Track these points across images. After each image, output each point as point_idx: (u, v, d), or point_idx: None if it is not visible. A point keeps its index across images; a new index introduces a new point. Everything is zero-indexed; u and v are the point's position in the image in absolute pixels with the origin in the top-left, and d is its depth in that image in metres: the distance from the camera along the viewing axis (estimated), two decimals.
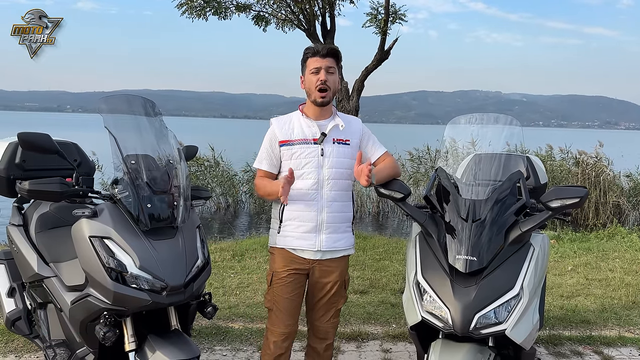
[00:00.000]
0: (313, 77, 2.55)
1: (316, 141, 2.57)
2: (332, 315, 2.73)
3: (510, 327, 2.08)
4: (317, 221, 2.56)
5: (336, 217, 2.60)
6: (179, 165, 2.42)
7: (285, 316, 2.62)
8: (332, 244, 2.59)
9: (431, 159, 12.69)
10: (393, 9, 7.82)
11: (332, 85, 2.56)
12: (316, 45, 2.60)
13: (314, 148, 2.56)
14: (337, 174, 2.58)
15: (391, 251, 6.64)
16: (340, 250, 2.65)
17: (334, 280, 2.65)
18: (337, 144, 2.59)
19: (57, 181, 2.27)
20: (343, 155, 2.60)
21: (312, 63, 2.56)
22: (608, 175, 11.68)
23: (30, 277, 2.81)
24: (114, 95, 2.51)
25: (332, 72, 2.57)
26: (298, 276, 2.62)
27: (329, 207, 2.57)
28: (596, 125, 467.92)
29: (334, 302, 2.70)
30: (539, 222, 2.23)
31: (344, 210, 2.63)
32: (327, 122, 2.61)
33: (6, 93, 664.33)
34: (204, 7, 7.87)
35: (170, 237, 2.27)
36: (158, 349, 2.18)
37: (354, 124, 2.71)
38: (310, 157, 2.56)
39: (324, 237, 2.57)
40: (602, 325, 4.22)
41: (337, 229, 2.60)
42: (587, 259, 6.30)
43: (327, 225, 2.58)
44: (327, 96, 2.56)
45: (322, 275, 2.63)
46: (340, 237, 2.62)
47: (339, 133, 2.61)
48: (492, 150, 2.75)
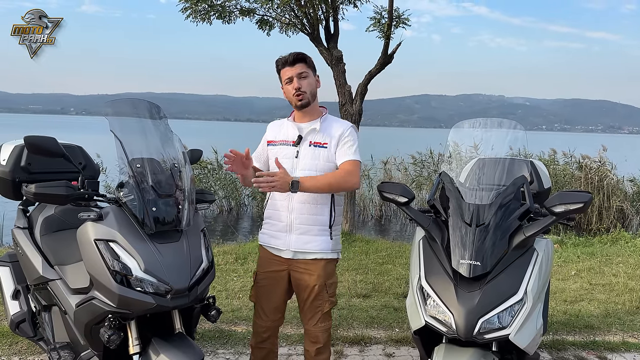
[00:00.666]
0: (288, 86, 2.67)
1: (294, 143, 2.68)
2: (320, 319, 2.73)
3: (514, 332, 2.08)
4: (287, 221, 2.66)
5: (307, 219, 2.64)
6: (183, 168, 2.43)
7: (266, 312, 2.79)
8: (301, 246, 2.65)
9: (434, 162, 12.69)
10: (397, 13, 7.83)
11: (307, 88, 2.65)
12: (284, 56, 2.68)
13: (291, 149, 2.68)
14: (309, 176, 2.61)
15: (394, 255, 6.64)
16: (312, 253, 2.66)
17: (314, 283, 2.67)
18: (314, 146, 2.65)
19: (63, 184, 2.29)
20: (317, 158, 2.64)
21: (285, 74, 2.67)
22: (611, 180, 11.65)
23: (35, 280, 2.82)
24: (119, 99, 2.53)
25: (305, 76, 2.66)
26: (277, 277, 2.73)
27: (299, 209, 2.64)
28: (599, 130, 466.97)
29: (318, 305, 2.71)
30: (543, 227, 2.23)
31: (317, 213, 2.65)
32: (308, 125, 2.70)
33: (10, 95, 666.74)
34: (208, 11, 7.88)
35: (174, 240, 2.28)
36: (162, 352, 2.18)
37: (337, 127, 2.70)
38: (287, 158, 2.66)
39: (293, 238, 2.66)
40: (606, 330, 4.22)
41: (307, 231, 2.65)
42: (591, 264, 6.29)
43: (296, 226, 2.65)
44: (305, 98, 2.65)
45: (301, 277, 2.69)
46: (311, 240, 2.65)
47: (316, 136, 2.67)
48: (495, 154, 2.75)
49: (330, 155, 2.65)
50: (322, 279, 2.68)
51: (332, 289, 2.75)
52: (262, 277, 2.78)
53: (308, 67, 2.67)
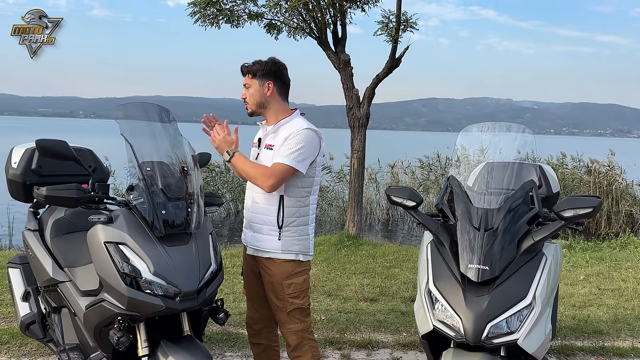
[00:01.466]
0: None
1: (257, 145, 2.83)
2: (285, 320, 2.71)
3: (523, 337, 2.08)
4: (246, 218, 2.84)
5: (256, 218, 2.74)
6: (193, 172, 2.45)
7: (253, 303, 2.93)
8: (253, 243, 2.76)
9: (441, 166, 12.66)
10: (404, 17, 7.83)
11: (249, 98, 2.75)
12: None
13: (254, 152, 2.84)
14: None
15: (401, 259, 6.63)
16: (264, 252, 2.71)
17: (271, 281, 2.71)
18: (266, 149, 2.74)
19: (73, 187, 2.31)
20: (268, 160, 2.68)
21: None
22: (620, 184, 11.57)
23: (45, 282, 2.85)
24: (129, 102, 2.55)
25: (248, 87, 2.75)
26: (253, 269, 2.84)
27: (251, 207, 2.77)
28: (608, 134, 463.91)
29: (280, 306, 2.70)
30: (552, 231, 2.22)
31: (265, 212, 2.70)
32: (265, 128, 2.81)
33: (20, 99, 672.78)
34: (216, 16, 7.92)
35: (184, 243, 2.30)
36: (170, 354, 2.20)
37: (286, 130, 2.68)
38: (252, 159, 2.81)
39: (249, 234, 2.80)
40: (615, 335, 4.18)
41: (258, 230, 2.74)
42: (600, 269, 6.24)
43: (250, 224, 2.79)
44: (247, 108, 2.77)
45: (262, 275, 2.77)
46: (261, 238, 2.72)
47: (269, 138, 2.75)
48: (503, 158, 2.75)
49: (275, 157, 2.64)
50: (278, 277, 2.68)
51: (291, 289, 2.68)
52: (245, 270, 2.92)
53: (252, 78, 2.74)
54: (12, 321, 4.09)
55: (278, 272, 2.69)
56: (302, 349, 2.72)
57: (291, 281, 2.70)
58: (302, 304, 2.72)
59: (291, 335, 2.72)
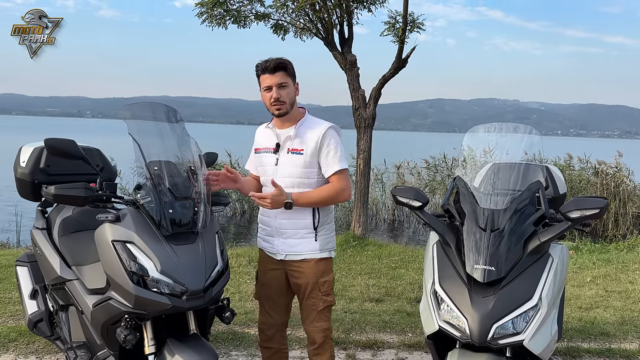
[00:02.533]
0: (267, 94, 2.64)
1: (274, 150, 2.71)
2: (315, 318, 2.73)
3: (529, 338, 2.07)
4: (273, 226, 2.72)
5: (290, 224, 2.67)
6: (199, 171, 2.46)
7: (268, 309, 2.85)
8: (288, 249, 2.70)
9: (447, 167, 12.63)
10: (411, 17, 7.82)
11: (286, 98, 2.62)
12: (265, 61, 2.62)
13: (272, 157, 2.71)
14: (288, 183, 2.63)
15: (407, 260, 6.62)
16: (300, 254, 2.69)
17: (305, 282, 2.70)
18: (291, 153, 2.66)
19: (82, 186, 2.33)
20: (296, 164, 2.65)
21: (264, 81, 2.63)
22: (628, 186, 11.50)
23: (53, 280, 2.87)
24: (137, 102, 2.57)
25: (285, 86, 2.61)
26: (274, 276, 2.78)
27: (282, 213, 2.66)
28: (616, 135, 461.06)
29: (312, 304, 2.72)
30: (558, 232, 2.22)
31: (300, 217, 2.66)
32: (284, 132, 2.70)
33: (28, 99, 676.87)
34: (223, 16, 7.95)
35: (190, 242, 2.31)
36: (177, 352, 2.21)
37: (313, 133, 2.66)
38: (269, 166, 2.72)
39: (280, 242, 2.71)
40: (622, 338, 4.16)
41: (292, 235, 2.68)
42: (607, 271, 6.21)
43: (282, 231, 2.69)
44: (283, 108, 2.63)
45: (294, 277, 2.73)
46: (298, 243, 2.68)
47: (292, 142, 2.67)
48: (510, 159, 2.74)
49: (307, 161, 2.64)
50: (312, 276, 2.69)
51: (325, 287, 2.72)
52: (262, 276, 2.84)
53: (288, 76, 2.63)
54: (19, 319, 4.12)
55: (313, 271, 2.70)
56: (325, 347, 2.76)
57: (325, 279, 2.74)
58: (331, 301, 2.77)
59: (318, 334, 2.74)
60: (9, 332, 3.84)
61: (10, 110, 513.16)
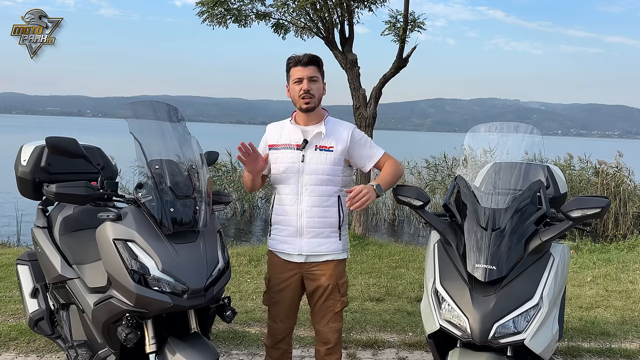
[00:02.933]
0: (297, 86, 2.64)
1: (299, 147, 2.65)
2: (330, 319, 2.74)
3: (530, 337, 2.07)
4: (297, 226, 2.66)
5: (316, 222, 2.64)
6: (201, 170, 2.46)
7: (280, 315, 2.79)
8: (313, 249, 2.66)
9: (448, 166, 12.63)
10: (412, 17, 7.83)
11: (316, 92, 2.64)
12: (297, 55, 2.65)
13: (296, 154, 2.65)
14: (316, 180, 2.62)
15: (407, 259, 6.62)
16: (324, 255, 2.67)
17: (326, 284, 2.69)
18: (319, 150, 2.64)
19: (83, 185, 2.33)
20: (324, 161, 2.63)
21: (295, 73, 2.64)
22: (628, 186, 11.50)
23: (54, 279, 2.87)
24: (139, 101, 2.57)
25: (315, 80, 2.64)
26: (289, 282, 2.74)
27: (308, 212, 2.63)
28: (616, 135, 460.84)
29: (330, 305, 2.72)
30: (560, 232, 2.22)
31: (326, 215, 2.65)
32: (313, 129, 2.67)
33: (29, 98, 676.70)
34: (224, 15, 7.95)
35: (191, 241, 2.31)
36: (178, 351, 2.21)
37: (342, 130, 2.70)
38: (291, 163, 2.65)
39: (304, 242, 2.66)
40: (622, 337, 4.16)
41: (318, 234, 2.65)
42: (607, 270, 6.21)
43: (307, 230, 2.65)
44: (312, 102, 2.63)
45: (313, 279, 2.70)
46: (323, 242, 2.66)
47: (321, 140, 2.65)
48: (510, 159, 2.74)
49: (336, 159, 2.64)
50: (334, 279, 2.70)
51: (343, 288, 2.75)
52: (275, 283, 2.77)
53: (319, 72, 2.66)
54: (20, 318, 4.13)
55: (334, 273, 2.69)
56: (338, 346, 2.78)
57: (343, 280, 2.75)
58: (346, 301, 2.78)
59: (333, 334, 2.75)
60: (9, 331, 3.84)
61: (11, 109, 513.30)
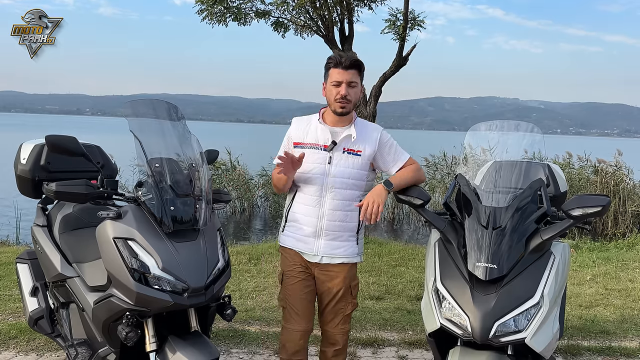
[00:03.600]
0: (334, 89, 2.57)
1: (326, 148, 2.59)
2: (340, 321, 2.73)
3: (530, 336, 2.07)
4: (317, 227, 2.62)
5: (336, 226, 2.61)
6: (201, 168, 2.46)
7: (298, 314, 2.68)
8: (329, 251, 2.63)
9: (447, 165, 12.63)
10: (412, 15, 7.84)
11: (353, 98, 2.59)
12: (339, 55, 2.58)
13: (323, 155, 2.59)
14: (341, 184, 2.59)
15: (407, 257, 6.62)
16: (339, 258, 2.65)
17: (339, 286, 2.67)
18: (347, 153, 2.60)
19: (83, 183, 2.32)
20: (351, 165, 2.60)
21: (334, 75, 2.57)
22: (628, 184, 11.49)
23: (54, 277, 2.87)
24: (138, 99, 2.56)
25: (354, 86, 2.58)
26: (306, 275, 2.69)
27: (330, 215, 2.60)
28: (615, 134, 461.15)
29: (341, 308, 2.71)
30: (560, 230, 2.21)
31: (347, 219, 2.63)
32: (342, 131, 2.62)
33: (27, 96, 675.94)
34: (224, 13, 7.96)
35: (192, 239, 2.31)
36: (178, 350, 2.21)
37: (371, 134, 2.66)
38: (317, 163, 2.59)
39: (322, 243, 2.62)
40: (622, 336, 4.16)
41: (337, 237, 2.63)
42: (607, 269, 6.21)
43: (326, 232, 2.62)
44: (347, 107, 2.59)
45: (326, 280, 2.68)
46: (340, 245, 2.64)
47: (351, 143, 2.60)
48: (510, 157, 2.74)
49: (363, 163, 2.61)
50: (347, 281, 2.68)
51: (355, 290, 2.75)
52: (290, 276, 2.69)
53: (359, 76, 2.60)
54: (20, 316, 4.12)
55: (348, 275, 2.68)
56: (344, 348, 2.78)
57: (355, 282, 2.75)
58: (356, 303, 2.77)
59: (342, 336, 2.75)
60: (9, 330, 3.84)
61: (9, 107, 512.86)
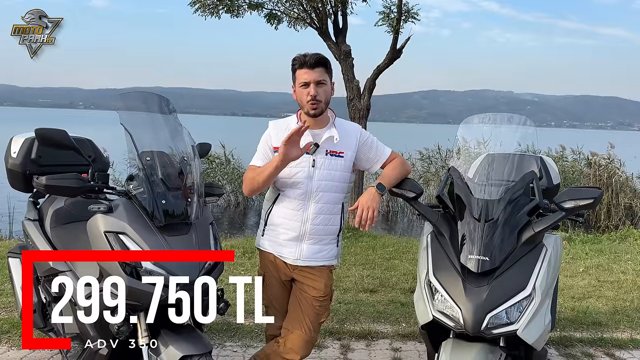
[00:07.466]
0: (303, 90, 2.48)
1: (309, 151, 2.50)
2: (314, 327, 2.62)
3: (522, 328, 2.08)
4: (300, 231, 2.55)
5: (320, 230, 2.56)
6: (193, 162, 2.44)
7: (281, 314, 2.68)
8: (312, 255, 2.57)
9: (442, 158, 12.66)
10: (406, 7, 7.82)
11: (323, 97, 2.49)
12: (304, 55, 2.49)
13: (306, 158, 2.50)
14: (326, 187, 2.53)
15: (401, 250, 6.64)
16: (320, 261, 2.60)
17: (317, 290, 2.58)
18: (330, 155, 2.53)
19: (73, 177, 2.30)
20: (335, 168, 2.54)
21: (301, 76, 2.48)
22: (620, 177, 11.58)
23: (45, 271, 2.85)
24: (130, 92, 2.54)
25: (323, 84, 2.48)
26: (285, 277, 2.64)
27: (314, 219, 2.54)
28: (609, 127, 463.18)
29: (320, 313, 2.62)
30: (552, 222, 2.22)
31: (330, 223, 2.58)
32: (322, 132, 2.55)
33: (20, 89, 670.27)
34: (216, 5, 7.91)
35: (184, 233, 2.29)
36: (171, 343, 2.21)
37: (351, 133, 2.60)
38: (301, 167, 2.51)
39: (304, 247, 2.56)
40: (614, 327, 4.20)
41: (319, 241, 2.57)
42: (599, 261, 6.26)
43: (309, 236, 2.55)
44: (319, 107, 2.49)
45: (305, 284, 2.60)
46: (322, 249, 2.59)
47: (333, 145, 2.54)
48: (504, 150, 2.74)
49: (346, 165, 2.56)
50: (324, 285, 2.60)
51: (332, 296, 2.70)
52: (271, 283, 2.67)
53: (327, 73, 2.51)
54: (12, 311, 4.10)
55: (326, 279, 2.61)
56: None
57: (332, 287, 2.70)
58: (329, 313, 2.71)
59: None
60: (1, 324, 3.82)
61: (2, 101, 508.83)
